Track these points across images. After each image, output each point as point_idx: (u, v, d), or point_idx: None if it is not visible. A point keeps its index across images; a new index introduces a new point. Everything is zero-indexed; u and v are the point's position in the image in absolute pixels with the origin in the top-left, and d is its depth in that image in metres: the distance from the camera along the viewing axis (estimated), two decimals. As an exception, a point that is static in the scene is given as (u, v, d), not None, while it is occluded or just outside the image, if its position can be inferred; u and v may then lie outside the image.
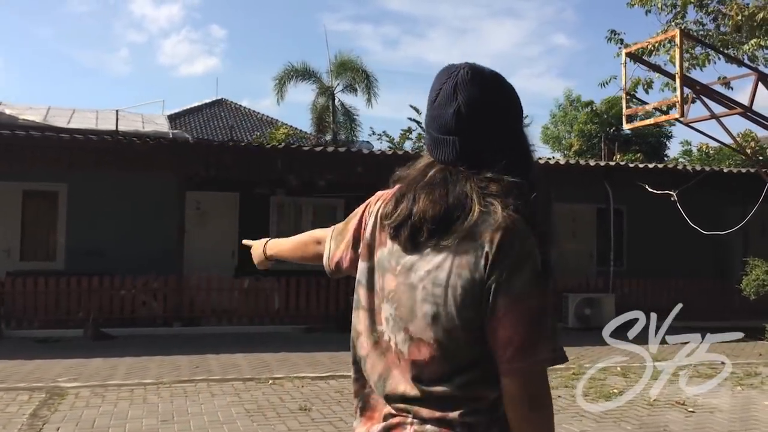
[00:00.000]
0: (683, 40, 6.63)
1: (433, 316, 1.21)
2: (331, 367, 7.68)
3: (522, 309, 1.16)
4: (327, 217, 13.82)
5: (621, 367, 7.87)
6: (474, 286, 1.18)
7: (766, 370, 7.94)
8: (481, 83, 1.27)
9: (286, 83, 21.33)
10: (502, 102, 1.28)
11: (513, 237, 1.17)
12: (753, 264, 8.56)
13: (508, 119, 1.29)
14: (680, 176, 11.78)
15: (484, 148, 1.25)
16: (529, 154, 1.30)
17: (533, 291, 1.16)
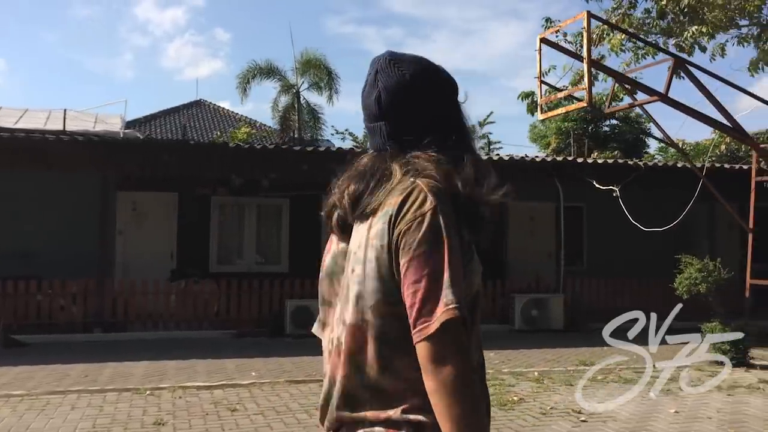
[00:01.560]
0: (590, 23, 6.19)
1: (357, 296, 1.21)
2: (230, 375, 7.25)
3: (417, 268, 1.14)
4: (272, 217, 13.42)
5: (539, 372, 7.44)
6: (384, 253, 1.18)
7: (694, 373, 7.50)
8: (399, 68, 1.32)
9: (250, 81, 20.95)
10: (421, 83, 1.32)
11: (412, 197, 1.18)
12: (686, 262, 8.10)
13: (430, 99, 1.32)
14: (626, 171, 11.36)
15: (410, 130, 1.29)
16: (459, 130, 1.33)
17: (428, 249, 1.14)
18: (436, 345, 1.11)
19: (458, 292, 1.13)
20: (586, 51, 6.24)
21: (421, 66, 1.35)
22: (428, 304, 1.12)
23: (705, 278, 7.91)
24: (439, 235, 1.15)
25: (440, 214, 1.16)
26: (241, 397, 6.13)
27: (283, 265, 13.15)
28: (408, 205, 1.18)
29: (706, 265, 8.00)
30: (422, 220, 1.16)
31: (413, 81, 1.31)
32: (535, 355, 8.89)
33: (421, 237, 1.15)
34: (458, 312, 1.11)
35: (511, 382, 6.84)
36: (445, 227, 1.16)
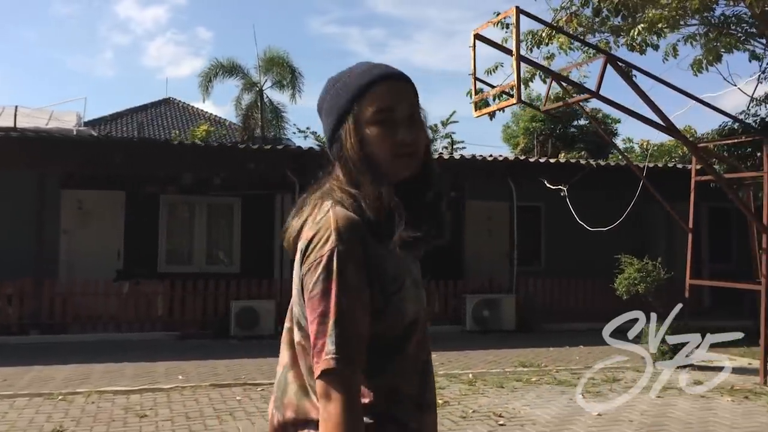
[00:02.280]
0: (519, 18, 6.07)
1: (290, 311, 1.32)
2: (156, 379, 7.03)
3: (310, 309, 1.19)
4: (223, 216, 13.17)
5: (474, 374, 7.32)
6: (300, 283, 1.24)
7: (630, 374, 7.43)
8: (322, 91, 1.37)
9: (212, 79, 20.65)
10: (323, 102, 1.34)
11: (318, 234, 1.20)
12: (626, 262, 8.04)
13: (328, 116, 1.32)
14: (575, 170, 11.32)
15: (329, 149, 1.34)
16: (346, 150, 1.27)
17: (319, 292, 1.18)
18: (322, 385, 1.16)
19: (342, 338, 1.16)
20: (515, 47, 6.12)
21: (328, 83, 1.35)
22: (317, 346, 1.17)
23: (643, 278, 7.85)
24: (332, 279, 1.17)
25: (337, 257, 1.17)
26: (158, 402, 5.91)
27: (235, 265, 12.93)
28: (313, 244, 1.21)
29: (645, 265, 7.95)
30: (319, 262, 1.18)
31: (318, 103, 1.36)
32: (478, 356, 8.77)
33: (315, 280, 1.18)
34: (334, 362, 1.15)
35: (443, 385, 6.69)
36: (339, 271, 1.17)
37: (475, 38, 6.85)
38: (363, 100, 1.27)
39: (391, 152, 1.26)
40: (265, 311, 10.41)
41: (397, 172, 1.27)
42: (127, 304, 10.63)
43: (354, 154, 1.26)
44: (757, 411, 5.83)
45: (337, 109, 1.29)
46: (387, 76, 1.29)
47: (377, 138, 1.26)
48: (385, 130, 1.26)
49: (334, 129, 1.30)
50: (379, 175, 1.25)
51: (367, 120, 1.26)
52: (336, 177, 1.30)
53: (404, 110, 1.28)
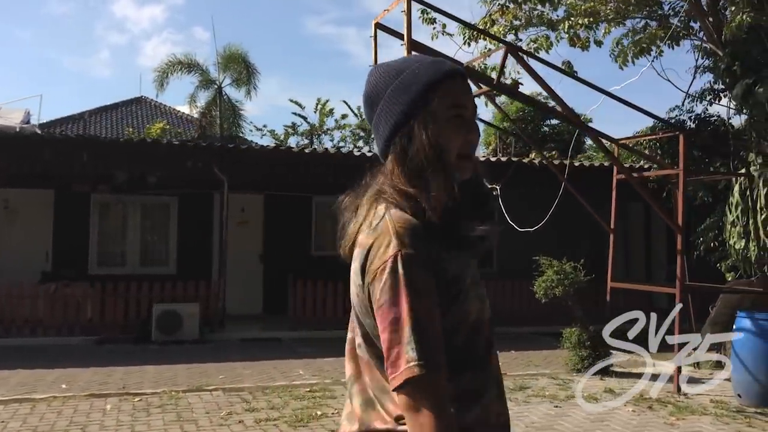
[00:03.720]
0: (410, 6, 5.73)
1: (355, 322, 1.27)
2: (35, 387, 6.64)
3: (381, 318, 1.14)
4: (158, 216, 12.77)
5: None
6: (361, 292, 1.20)
7: (543, 382, 7.10)
8: (367, 79, 1.30)
9: (169, 75, 20.23)
10: (379, 92, 1.26)
11: (378, 240, 1.16)
12: (545, 264, 7.71)
13: (387, 109, 1.24)
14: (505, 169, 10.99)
15: (380, 145, 1.27)
16: (418, 140, 1.20)
17: (388, 300, 1.12)
18: (405, 397, 1.10)
19: (422, 344, 1.10)
20: (406, 36, 5.79)
21: (382, 74, 1.27)
22: (392, 356, 1.12)
23: (561, 281, 7.52)
24: (400, 285, 1.12)
25: (401, 262, 1.13)
26: (17, 414, 5.53)
27: (171, 266, 12.53)
28: (374, 250, 1.16)
29: (563, 267, 7.62)
30: (384, 268, 1.14)
31: (370, 95, 1.28)
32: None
33: (382, 287, 1.13)
34: (419, 369, 1.09)
35: (337, 394, 6.34)
36: (406, 276, 1.12)
37: (375, 27, 6.50)
38: (437, 93, 1.22)
39: (461, 152, 1.24)
40: (189, 315, 10.03)
41: (461, 171, 1.24)
42: (52, 308, 10.21)
43: (428, 147, 1.20)
44: (653, 423, 5.50)
45: (406, 100, 1.22)
46: (458, 72, 1.25)
47: (450, 134, 1.22)
48: (458, 127, 1.23)
49: (398, 122, 1.23)
50: (450, 172, 1.21)
51: (440, 116, 1.22)
52: (387, 175, 1.24)
53: (472, 109, 1.27)
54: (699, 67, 9.19)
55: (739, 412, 5.88)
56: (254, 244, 13.01)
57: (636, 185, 6.65)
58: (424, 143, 1.20)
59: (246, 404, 5.86)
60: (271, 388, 6.54)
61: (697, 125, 9.06)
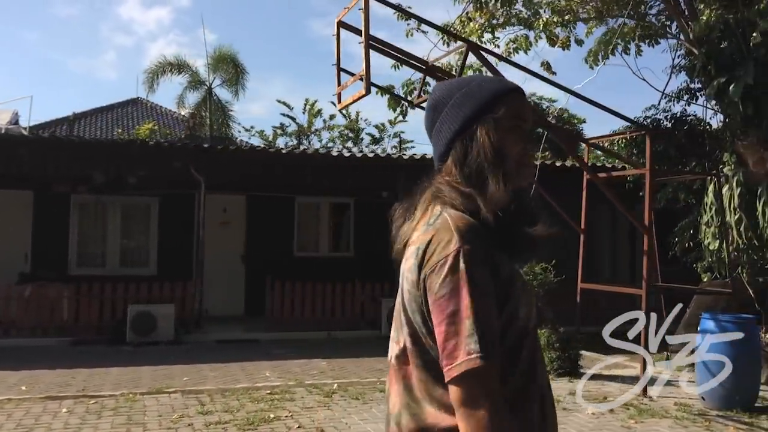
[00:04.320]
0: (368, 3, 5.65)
1: (400, 322, 1.27)
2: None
3: (438, 311, 1.16)
4: (139, 217, 12.72)
5: (340, 384, 6.89)
6: (415, 288, 1.21)
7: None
8: (432, 92, 1.41)
9: (159, 76, 20.20)
10: (442, 104, 1.34)
11: (437, 236, 1.19)
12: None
13: (448, 119, 1.32)
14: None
15: (439, 152, 1.34)
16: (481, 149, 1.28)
17: (448, 293, 1.15)
18: (461, 390, 1.12)
19: (483, 337, 1.12)
20: (364, 33, 5.71)
21: (447, 86, 1.37)
22: (449, 347, 1.13)
23: (530, 282, 7.43)
24: (461, 279, 1.14)
25: (463, 256, 1.15)
26: (-34, 417, 5.47)
27: (152, 267, 12.47)
28: (434, 245, 1.19)
29: (533, 268, 7.54)
30: (444, 262, 1.16)
31: (436, 102, 1.36)
32: (365, 364, 8.34)
33: (442, 281, 1.15)
34: (480, 361, 1.11)
35: (297, 396, 6.27)
36: (468, 270, 1.15)
37: (338, 26, 6.43)
38: (500, 105, 1.30)
39: (519, 160, 1.30)
40: (164, 316, 9.97)
41: (519, 179, 1.30)
42: (24, 309, 10.15)
43: (490, 152, 1.26)
44: (610, 426, 5.42)
45: (472, 106, 1.30)
46: (520, 89, 1.35)
47: (511, 143, 1.29)
48: (518, 137, 1.30)
49: (462, 125, 1.30)
50: (509, 177, 1.27)
51: (503, 125, 1.29)
52: (445, 176, 1.30)
53: (530, 123, 1.35)
54: (675, 67, 9.11)
55: (700, 415, 5.79)
56: (236, 245, 12.95)
57: (601, 185, 6.56)
58: (486, 147, 1.27)
59: (201, 407, 5.79)
60: (232, 390, 6.47)
61: (673, 125, 8.97)
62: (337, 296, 11.20)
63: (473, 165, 1.27)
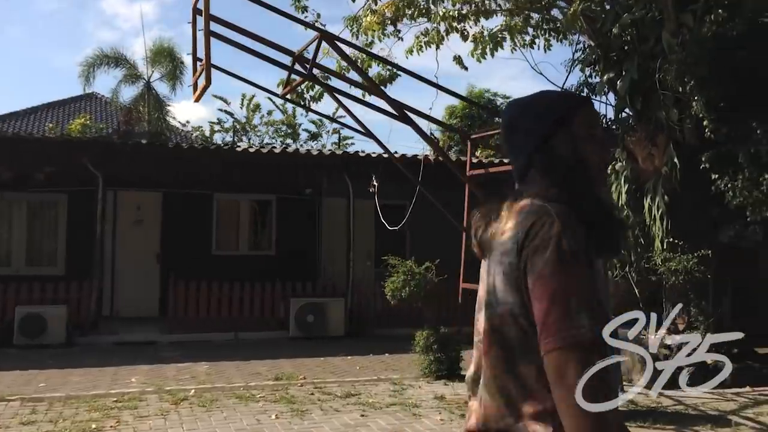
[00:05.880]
0: None
1: (487, 305, 1.33)
2: None
3: (543, 288, 1.21)
4: (46, 215, 12.30)
5: (195, 390, 6.60)
6: (512, 270, 1.27)
7: (381, 387, 6.78)
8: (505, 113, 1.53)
9: (95, 69, 19.71)
10: (517, 122, 1.45)
11: (540, 220, 1.25)
12: (393, 264, 7.38)
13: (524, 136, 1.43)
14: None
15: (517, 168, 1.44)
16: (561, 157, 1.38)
17: (554, 271, 1.20)
18: (559, 364, 1.16)
19: (590, 313, 1.17)
20: (204, 19, 5.41)
21: (520, 104, 1.48)
22: (552, 323, 1.18)
23: (407, 282, 7.21)
24: (564, 258, 1.20)
25: (566, 238, 1.22)
26: None
27: (60, 267, 12.06)
28: (536, 228, 1.25)
29: (411, 268, 7.31)
30: (548, 244, 1.22)
31: (511, 121, 1.47)
32: (250, 368, 8.05)
33: (547, 259, 1.21)
34: (590, 334, 1.15)
35: (142, 404, 5.97)
36: (571, 251, 1.21)
37: (194, 12, 6.12)
38: (577, 115, 1.40)
39: (596, 167, 1.40)
40: (55, 318, 9.60)
41: (599, 184, 1.41)
42: None
43: (572, 160, 1.37)
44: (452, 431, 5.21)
45: (550, 119, 1.39)
46: (588, 100, 1.50)
47: (589, 152, 1.38)
48: (595, 146, 1.39)
49: (543, 138, 1.39)
50: (591, 184, 1.37)
51: (581, 135, 1.39)
52: (530, 185, 1.38)
53: (601, 131, 1.44)
54: (575, 61, 8.91)
55: (554, 421, 5.60)
56: (151, 244, 12.58)
57: (463, 178, 6.33)
58: (568, 156, 1.37)
59: (30, 416, 5.47)
60: (78, 398, 6.16)
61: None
62: (246, 296, 10.90)
63: (558, 173, 1.36)
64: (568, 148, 1.38)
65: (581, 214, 1.28)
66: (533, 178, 1.39)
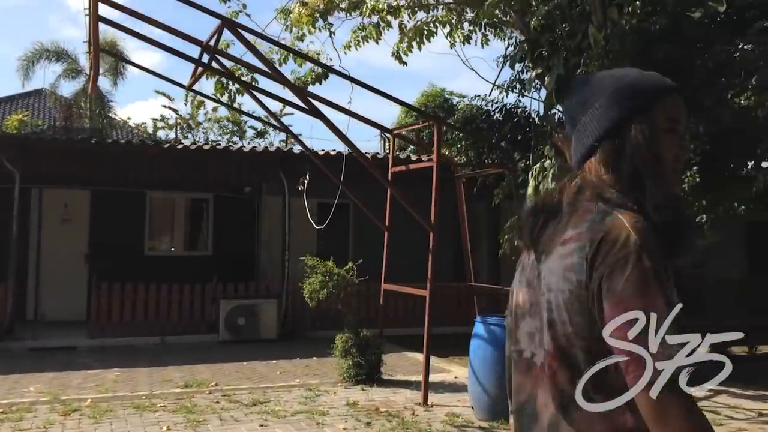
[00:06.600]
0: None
1: (549, 322, 1.20)
2: None
3: (625, 310, 1.07)
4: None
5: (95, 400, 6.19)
6: (580, 289, 1.15)
7: (295, 393, 6.46)
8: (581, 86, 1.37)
9: (34, 64, 18.98)
10: (586, 96, 1.30)
11: (612, 235, 1.13)
12: (311, 265, 7.06)
13: (600, 113, 1.27)
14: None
15: (582, 146, 1.31)
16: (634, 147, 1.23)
17: (637, 293, 1.08)
18: (655, 401, 1.04)
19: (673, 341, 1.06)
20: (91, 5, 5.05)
21: (600, 79, 1.33)
22: None
23: (324, 284, 6.91)
24: (648, 276, 1.09)
25: (646, 253, 1.10)
26: None
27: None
28: (608, 243, 1.13)
29: (331, 269, 7.01)
30: (626, 261, 1.10)
31: (586, 96, 1.31)
32: (162, 374, 7.65)
33: (626, 278, 1.09)
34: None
35: (29, 416, 5.56)
36: (654, 267, 1.09)
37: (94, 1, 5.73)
38: (660, 103, 1.25)
39: (673, 163, 1.26)
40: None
41: (672, 183, 1.26)
42: None
43: (646, 152, 1.22)
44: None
45: (627, 104, 1.25)
46: (677, 89, 1.29)
47: (666, 146, 1.24)
48: (673, 140, 1.26)
49: (615, 123, 1.24)
50: (664, 182, 1.22)
51: (661, 125, 1.24)
52: (591, 176, 1.25)
53: (684, 125, 1.29)
54: (507, 57, 8.72)
55: (464, 427, 5.36)
56: (79, 244, 12.04)
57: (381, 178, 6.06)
58: (642, 147, 1.21)
59: None
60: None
61: (504, 116, 8.61)
62: (175, 298, 10.46)
63: (626, 167, 1.21)
64: (643, 138, 1.22)
65: (653, 219, 1.16)
66: (595, 168, 1.25)
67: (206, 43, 6.19)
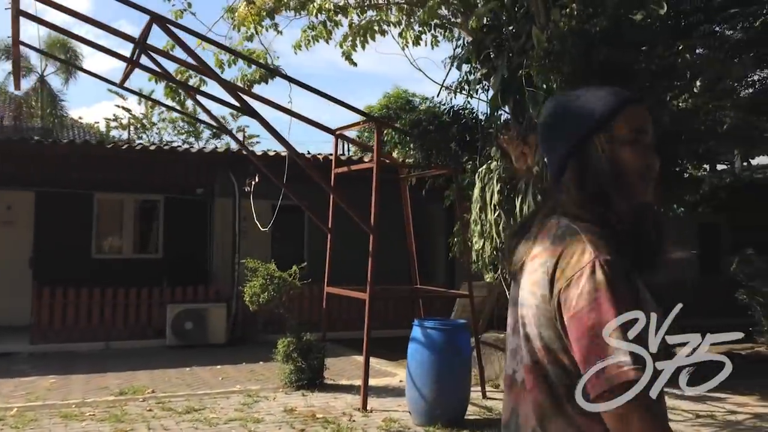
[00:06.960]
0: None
1: (525, 337, 1.23)
2: None
3: (578, 325, 1.10)
4: None
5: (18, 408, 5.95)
6: (545, 304, 1.18)
7: (233, 400, 6.30)
8: (544, 108, 1.41)
9: (-19, 62, 18.40)
10: (552, 121, 1.34)
11: (570, 249, 1.16)
12: (251, 268, 6.91)
13: (558, 137, 1.32)
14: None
15: (553, 163, 1.34)
16: (592, 166, 1.26)
17: (589, 305, 1.09)
18: (619, 413, 1.05)
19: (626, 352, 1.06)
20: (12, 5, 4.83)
21: (558, 101, 1.36)
22: (591, 361, 1.07)
23: (265, 287, 6.76)
24: (600, 290, 1.09)
25: (600, 267, 1.11)
26: None
27: None
28: (566, 258, 1.15)
29: (272, 272, 6.87)
30: (581, 274, 1.12)
31: (548, 118, 1.35)
32: (100, 381, 7.42)
33: (580, 293, 1.11)
34: (634, 373, 1.04)
35: None
36: (607, 281, 1.10)
37: None
38: (617, 118, 1.26)
39: (640, 174, 1.26)
40: None
41: (640, 194, 1.26)
42: None
43: (608, 169, 1.24)
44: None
45: (588, 121, 1.26)
46: (637, 100, 1.30)
47: (630, 158, 1.25)
48: (638, 151, 1.26)
49: (579, 140, 1.27)
50: (630, 193, 1.24)
51: (621, 139, 1.25)
52: (563, 192, 1.28)
53: (650, 135, 1.29)
54: (455, 58, 8.68)
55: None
56: (22, 247, 11.67)
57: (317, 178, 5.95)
58: (603, 161, 1.24)
59: None
60: None
61: (452, 118, 8.57)
62: (120, 302, 10.19)
63: (591, 182, 1.24)
64: (603, 154, 1.24)
65: (616, 232, 1.17)
66: (567, 186, 1.28)
67: (138, 40, 6.01)
